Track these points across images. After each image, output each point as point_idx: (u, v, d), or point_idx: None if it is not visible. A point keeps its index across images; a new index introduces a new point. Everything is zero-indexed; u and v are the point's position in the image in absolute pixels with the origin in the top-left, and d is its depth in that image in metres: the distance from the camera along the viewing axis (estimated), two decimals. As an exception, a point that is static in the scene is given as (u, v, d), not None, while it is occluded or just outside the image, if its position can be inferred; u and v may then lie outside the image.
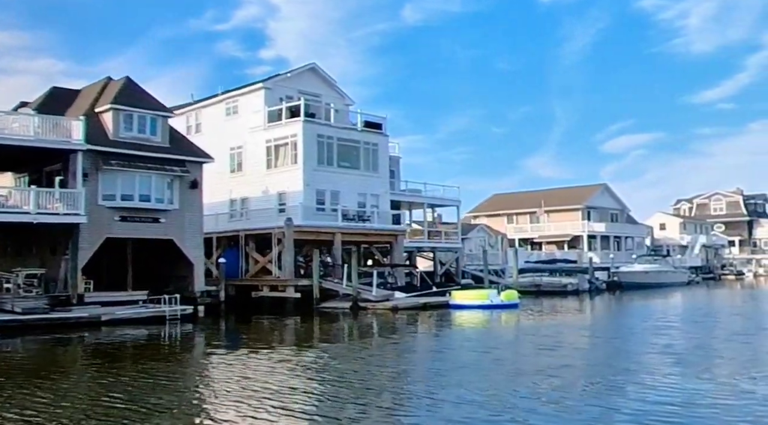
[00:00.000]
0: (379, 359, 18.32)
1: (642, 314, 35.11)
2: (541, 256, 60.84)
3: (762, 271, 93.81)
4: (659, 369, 15.61)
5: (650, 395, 12.46)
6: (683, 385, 13.42)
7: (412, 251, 49.70)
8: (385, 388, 13.78)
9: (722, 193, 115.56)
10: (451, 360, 17.91)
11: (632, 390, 12.98)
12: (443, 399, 12.40)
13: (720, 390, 13.07)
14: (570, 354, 18.77)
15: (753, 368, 15.52)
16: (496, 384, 13.95)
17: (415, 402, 12.44)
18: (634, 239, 77.07)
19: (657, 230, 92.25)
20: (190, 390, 14.20)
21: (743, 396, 12.39)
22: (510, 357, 18.41)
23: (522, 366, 16.49)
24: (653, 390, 12.88)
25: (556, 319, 31.44)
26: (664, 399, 12.06)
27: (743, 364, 16.17)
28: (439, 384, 13.79)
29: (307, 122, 39.33)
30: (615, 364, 16.43)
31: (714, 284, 68.91)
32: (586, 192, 73.14)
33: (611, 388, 13.20)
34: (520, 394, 12.74)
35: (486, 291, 35.31)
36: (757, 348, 19.68)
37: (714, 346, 20.16)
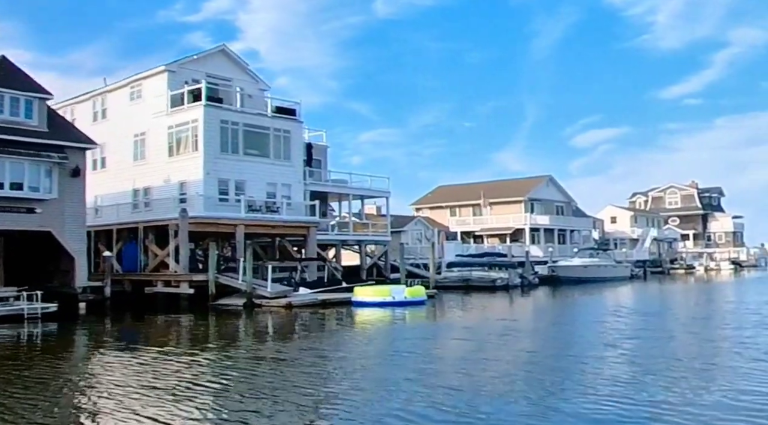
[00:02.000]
0: (228, 365, 16.04)
1: (560, 311, 33.33)
2: (470, 249, 58.69)
3: (713, 265, 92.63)
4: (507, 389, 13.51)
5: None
6: (541, 392, 11.35)
7: (336, 244, 47.52)
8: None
9: (677, 186, 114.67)
10: (296, 368, 15.66)
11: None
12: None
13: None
14: (436, 361, 16.63)
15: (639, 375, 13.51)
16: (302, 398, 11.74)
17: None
18: (580, 233, 75.38)
19: (608, 224, 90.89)
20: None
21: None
22: (364, 365, 16.17)
23: (377, 375, 14.30)
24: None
25: (463, 317, 29.39)
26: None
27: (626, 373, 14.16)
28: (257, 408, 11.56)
29: (209, 106, 36.85)
30: (474, 378, 14.30)
31: (661, 279, 67.37)
32: (530, 184, 71.31)
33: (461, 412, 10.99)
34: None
35: (388, 288, 33.03)
36: (644, 352, 17.67)
37: (586, 351, 18.15)
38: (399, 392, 12.33)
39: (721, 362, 15.50)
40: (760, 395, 11.60)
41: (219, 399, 12.02)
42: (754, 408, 10.60)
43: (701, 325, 24.65)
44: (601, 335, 21.13)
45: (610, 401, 11.23)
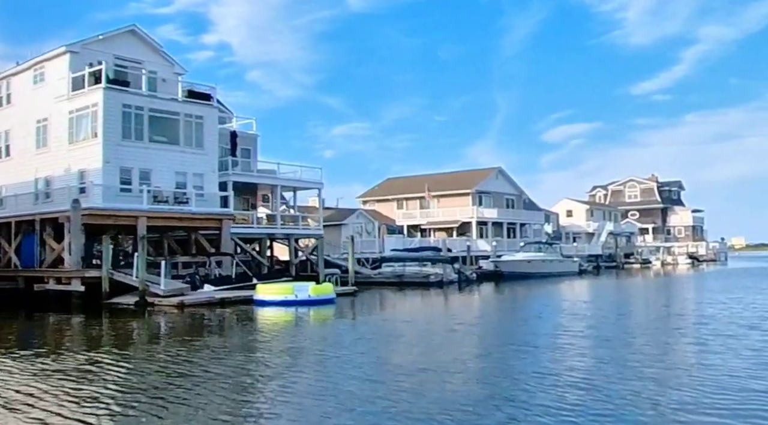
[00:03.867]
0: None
1: (485, 310, 31.37)
2: (414, 243, 56.39)
3: (670, 259, 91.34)
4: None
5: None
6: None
7: (261, 238, 45.04)
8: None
9: (637, 180, 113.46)
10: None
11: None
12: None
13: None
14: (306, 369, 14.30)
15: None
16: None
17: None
18: (531, 226, 73.41)
19: (563, 217, 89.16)
20: None
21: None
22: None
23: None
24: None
25: (371, 318, 27.10)
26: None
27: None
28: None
29: (110, 89, 34.16)
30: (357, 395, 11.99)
31: (614, 274, 65.64)
32: (479, 176, 69.14)
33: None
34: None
35: (291, 285, 30.55)
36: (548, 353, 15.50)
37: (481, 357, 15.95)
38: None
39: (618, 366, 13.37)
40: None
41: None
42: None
43: (614, 325, 22.55)
44: (507, 338, 18.98)
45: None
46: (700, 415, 9.87)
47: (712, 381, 12.07)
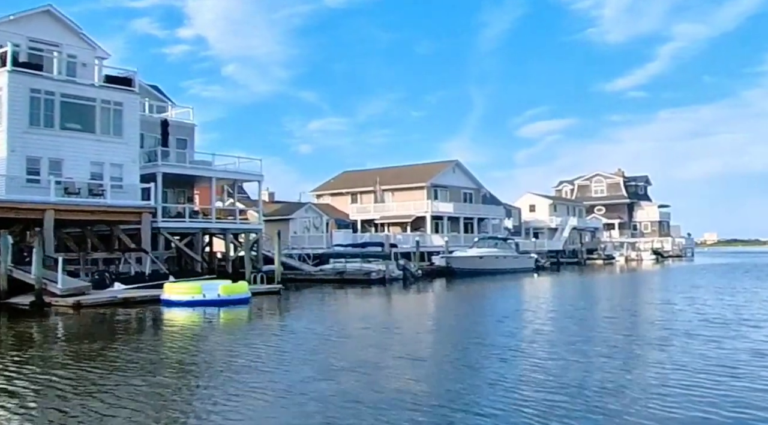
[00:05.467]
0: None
1: (419, 310, 29.39)
2: (363, 238, 54.29)
3: (634, 255, 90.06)
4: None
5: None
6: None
7: (195, 232, 42.75)
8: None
9: (603, 174, 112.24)
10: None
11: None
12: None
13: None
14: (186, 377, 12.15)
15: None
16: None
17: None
18: (490, 221, 71.54)
19: (526, 212, 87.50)
20: None
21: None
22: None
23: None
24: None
25: (289, 320, 25.00)
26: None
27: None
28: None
29: (16, 73, 31.78)
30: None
31: (574, 270, 64.04)
32: (435, 169, 67.07)
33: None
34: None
35: (199, 284, 28.27)
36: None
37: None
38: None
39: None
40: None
41: None
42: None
43: (537, 325, 20.62)
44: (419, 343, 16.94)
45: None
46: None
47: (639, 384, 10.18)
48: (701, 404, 10.26)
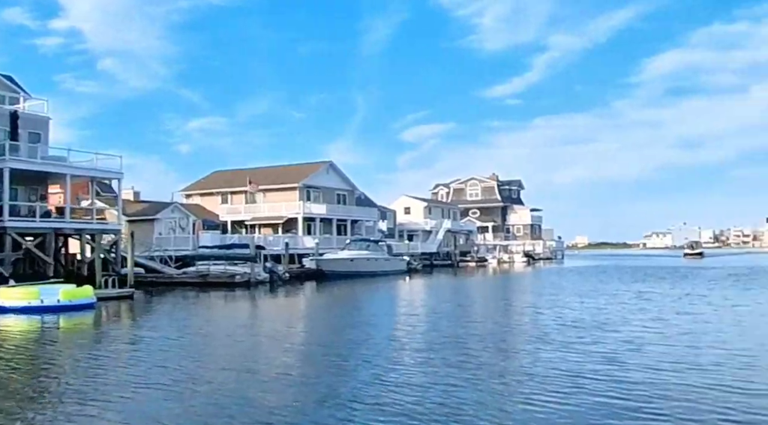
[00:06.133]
0: None
1: (273, 315, 28.23)
2: (224, 240, 52.51)
3: (506, 257, 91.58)
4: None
5: None
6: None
7: (47, 233, 40.00)
8: None
9: (478, 178, 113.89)
10: None
11: None
12: None
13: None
14: None
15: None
16: None
17: None
18: (364, 223, 70.93)
19: (402, 214, 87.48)
20: None
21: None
22: None
23: None
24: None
25: (135, 328, 23.33)
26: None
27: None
28: None
29: None
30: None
31: (447, 272, 64.24)
32: (308, 170, 65.79)
33: None
34: None
35: (37, 288, 26.19)
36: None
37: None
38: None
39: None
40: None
41: None
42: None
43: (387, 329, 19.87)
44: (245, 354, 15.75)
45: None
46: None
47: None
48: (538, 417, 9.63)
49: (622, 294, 33.67)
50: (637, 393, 11.27)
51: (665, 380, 12.39)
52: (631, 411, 10.20)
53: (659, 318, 22.27)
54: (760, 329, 19.57)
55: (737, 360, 14.42)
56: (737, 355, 14.97)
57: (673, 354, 15.17)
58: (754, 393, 11.33)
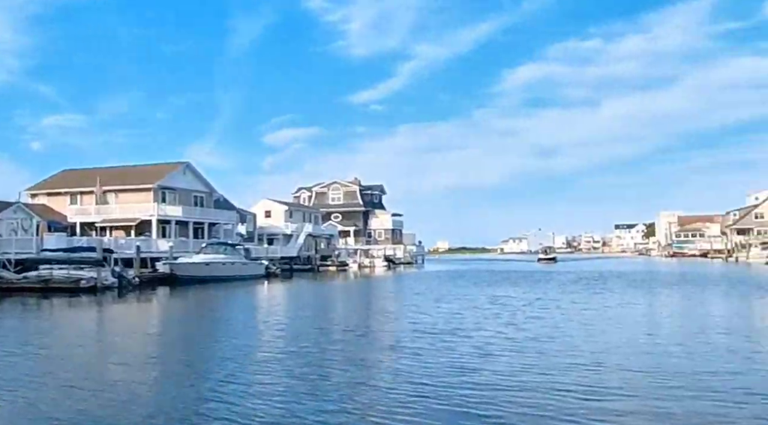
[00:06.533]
0: None
1: (110, 326, 26.57)
2: (62, 242, 49.73)
3: (367, 262, 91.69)
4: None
5: None
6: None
7: None
8: None
9: (341, 183, 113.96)
10: None
11: None
12: None
13: None
14: None
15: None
16: None
17: None
18: (222, 227, 69.18)
19: (262, 218, 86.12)
20: None
21: None
22: None
23: None
24: None
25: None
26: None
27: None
28: None
29: None
30: None
31: (307, 277, 63.41)
32: (163, 171, 63.42)
33: None
34: None
35: None
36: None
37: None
38: None
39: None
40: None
41: None
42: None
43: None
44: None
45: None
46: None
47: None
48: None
49: (477, 299, 34.00)
50: (481, 400, 11.04)
51: (512, 385, 12.26)
52: (472, 418, 9.92)
53: (511, 323, 22.41)
54: (607, 333, 19.95)
55: (584, 363, 14.51)
56: (584, 359, 15.09)
57: (521, 359, 15.14)
58: (597, 396, 11.36)
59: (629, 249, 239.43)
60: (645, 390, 12.11)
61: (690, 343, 17.50)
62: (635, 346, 17.43)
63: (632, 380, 12.99)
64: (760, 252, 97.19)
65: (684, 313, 27.25)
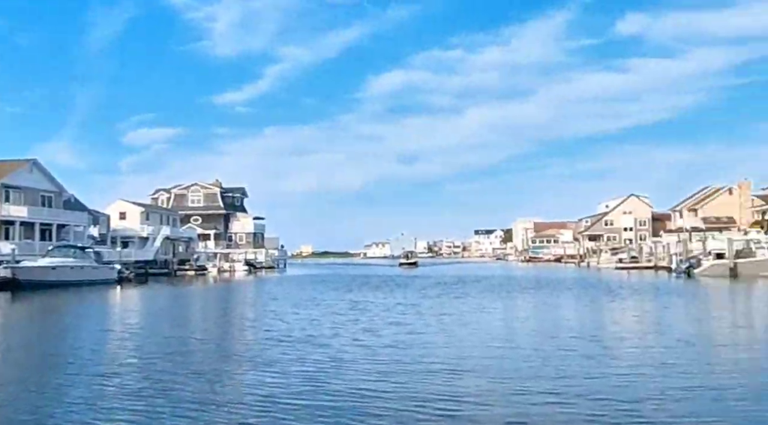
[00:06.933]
0: None
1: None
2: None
3: (227, 266, 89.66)
4: None
5: None
6: None
7: None
8: None
9: (201, 184, 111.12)
10: None
11: None
12: None
13: None
14: None
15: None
16: None
17: None
18: (72, 228, 65.61)
19: (117, 220, 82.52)
20: None
21: None
22: None
23: None
24: None
25: None
26: None
27: None
28: None
29: None
30: None
31: (163, 282, 61.06)
32: (7, 168, 59.38)
33: None
34: None
35: None
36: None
37: None
38: None
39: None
40: None
41: None
42: None
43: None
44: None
45: None
46: None
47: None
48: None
49: (336, 304, 33.42)
50: (333, 412, 10.46)
51: (367, 394, 11.77)
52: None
53: (369, 329, 21.91)
54: (465, 339, 19.80)
55: (441, 370, 14.22)
56: (441, 365, 14.81)
57: (377, 367, 14.70)
58: (453, 403, 11.03)
59: (488, 254, 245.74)
60: (501, 395, 11.91)
61: (545, 348, 17.54)
62: (492, 351, 17.29)
63: (488, 385, 12.76)
64: (609, 258, 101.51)
65: (539, 317, 27.65)
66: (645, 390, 12.11)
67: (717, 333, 21.36)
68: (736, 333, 21.66)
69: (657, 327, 23.36)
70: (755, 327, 23.86)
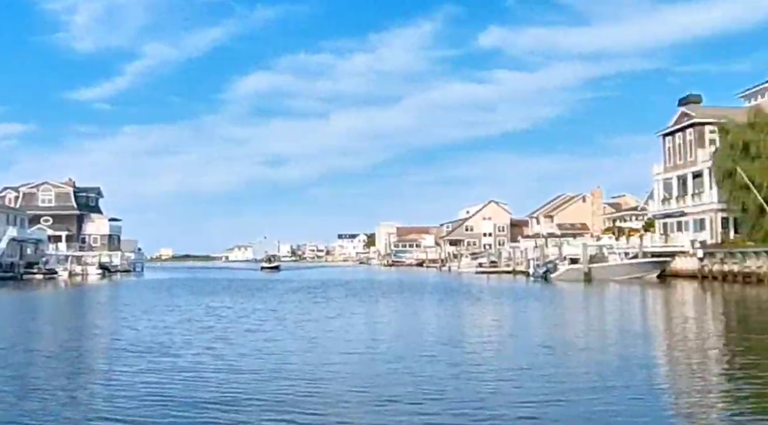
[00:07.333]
0: None
1: None
2: None
3: (80, 270, 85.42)
4: None
5: None
6: None
7: None
8: None
9: (52, 183, 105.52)
10: None
11: None
12: None
13: None
14: None
15: None
16: None
17: None
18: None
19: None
20: None
21: None
22: None
23: None
24: None
25: None
26: None
27: None
28: None
29: None
30: None
31: (9, 286, 57.28)
32: None
33: None
34: None
35: None
36: None
37: None
38: None
39: None
40: None
41: None
42: None
43: None
44: None
45: None
46: None
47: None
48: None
49: (191, 309, 31.95)
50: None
51: (214, 407, 10.90)
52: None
53: (223, 337, 20.80)
54: (326, 346, 19.13)
55: (299, 380, 13.49)
56: (299, 374, 14.15)
57: (230, 376, 13.84)
58: (310, 411, 10.31)
59: (351, 258, 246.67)
60: (360, 403, 11.43)
61: (408, 354, 17.13)
62: (353, 358, 16.77)
63: (349, 393, 12.26)
64: (470, 262, 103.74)
65: (402, 322, 27.38)
66: (504, 395, 11.98)
67: (573, 337, 21.63)
68: (590, 336, 22.09)
69: (517, 331, 23.57)
70: (607, 330, 24.40)
